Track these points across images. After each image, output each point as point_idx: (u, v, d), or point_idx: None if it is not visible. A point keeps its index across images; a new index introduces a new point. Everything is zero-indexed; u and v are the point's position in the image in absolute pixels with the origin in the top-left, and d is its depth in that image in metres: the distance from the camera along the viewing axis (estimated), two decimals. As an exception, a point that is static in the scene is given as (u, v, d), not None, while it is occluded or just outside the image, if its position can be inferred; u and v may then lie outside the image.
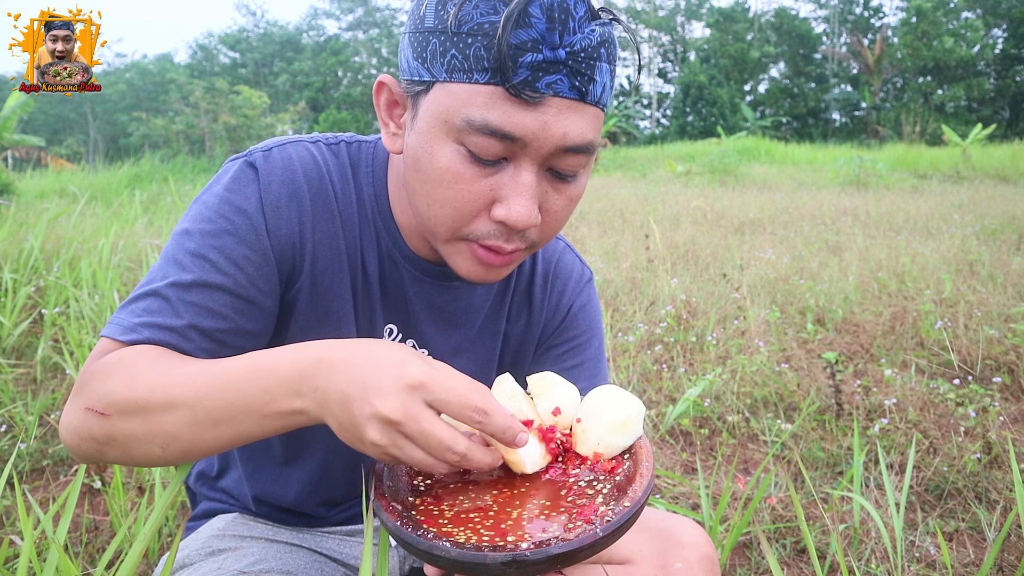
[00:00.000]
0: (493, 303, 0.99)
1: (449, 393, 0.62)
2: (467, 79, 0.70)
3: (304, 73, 47.62)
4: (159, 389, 0.69)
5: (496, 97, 0.70)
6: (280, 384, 0.66)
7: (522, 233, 0.77)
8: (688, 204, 8.29)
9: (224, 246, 0.79)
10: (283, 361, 0.67)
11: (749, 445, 2.40)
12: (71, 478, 2.05)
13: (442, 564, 0.61)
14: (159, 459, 0.71)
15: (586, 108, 0.73)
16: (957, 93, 34.30)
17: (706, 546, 0.89)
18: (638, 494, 0.66)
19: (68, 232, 4.45)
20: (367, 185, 0.90)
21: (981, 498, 1.99)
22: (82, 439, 0.73)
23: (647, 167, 16.49)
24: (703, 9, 49.44)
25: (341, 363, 0.64)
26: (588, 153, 0.76)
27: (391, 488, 0.71)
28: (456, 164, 0.73)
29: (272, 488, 1.01)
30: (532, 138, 0.71)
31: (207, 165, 16.55)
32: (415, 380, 0.61)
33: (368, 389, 0.62)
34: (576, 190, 0.79)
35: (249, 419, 0.67)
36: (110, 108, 46.32)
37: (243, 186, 0.83)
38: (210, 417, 0.68)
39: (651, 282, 4.17)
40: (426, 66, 0.74)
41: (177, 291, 0.77)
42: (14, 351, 2.92)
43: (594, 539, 0.60)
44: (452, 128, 0.72)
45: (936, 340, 3.21)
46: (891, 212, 7.58)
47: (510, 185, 0.73)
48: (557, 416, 0.77)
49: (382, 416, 0.61)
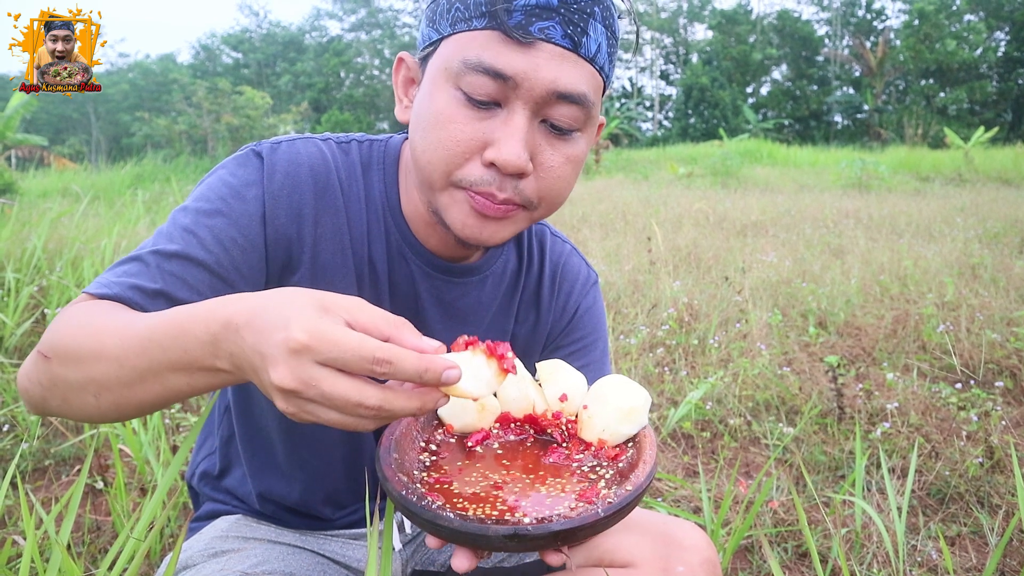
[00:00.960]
0: (502, 302, 1.00)
1: (339, 349, 0.56)
2: (467, 27, 0.76)
3: (307, 74, 47.66)
4: (92, 338, 0.69)
5: (492, 39, 0.75)
6: (199, 347, 0.63)
7: (515, 184, 0.78)
8: (690, 206, 8.29)
9: (215, 225, 0.81)
10: (199, 321, 0.64)
11: (751, 448, 2.40)
12: (74, 478, 2.05)
13: (444, 534, 0.62)
14: (94, 409, 0.70)
15: (580, 61, 0.76)
16: (959, 96, 34.26)
17: (708, 549, 0.90)
18: (640, 479, 0.67)
19: (71, 232, 4.45)
20: (378, 182, 0.91)
21: (983, 502, 1.99)
22: (31, 383, 0.73)
23: (649, 169, 16.49)
24: (705, 11, 49.45)
25: (244, 327, 0.60)
26: (582, 106, 0.78)
27: (397, 461, 0.71)
28: (451, 106, 0.77)
29: (277, 485, 1.01)
30: (523, 78, 0.74)
31: (209, 165, 16.56)
32: (299, 343, 0.55)
33: (264, 358, 0.58)
34: (573, 150, 0.81)
35: (175, 376, 0.66)
36: (113, 108, 46.37)
37: (246, 172, 0.84)
38: (136, 373, 0.66)
39: (653, 284, 4.17)
40: (435, 27, 0.80)
41: (158, 258, 0.78)
42: (16, 351, 2.92)
43: (595, 518, 0.61)
44: (451, 73, 0.77)
45: (938, 344, 3.21)
46: (893, 215, 7.58)
47: (501, 128, 0.76)
48: (564, 402, 0.79)
49: (278, 388, 0.57)
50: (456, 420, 0.79)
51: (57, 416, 0.76)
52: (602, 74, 0.80)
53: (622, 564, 0.93)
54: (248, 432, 1.01)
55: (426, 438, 0.79)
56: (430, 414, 0.80)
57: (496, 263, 0.98)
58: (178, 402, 0.71)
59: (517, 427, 0.80)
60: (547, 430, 0.79)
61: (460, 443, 0.78)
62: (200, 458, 1.11)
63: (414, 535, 1.12)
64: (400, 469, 0.70)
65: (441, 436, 0.79)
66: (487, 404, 0.79)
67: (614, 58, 0.82)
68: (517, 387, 0.80)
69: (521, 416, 0.80)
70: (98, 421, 0.73)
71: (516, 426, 0.80)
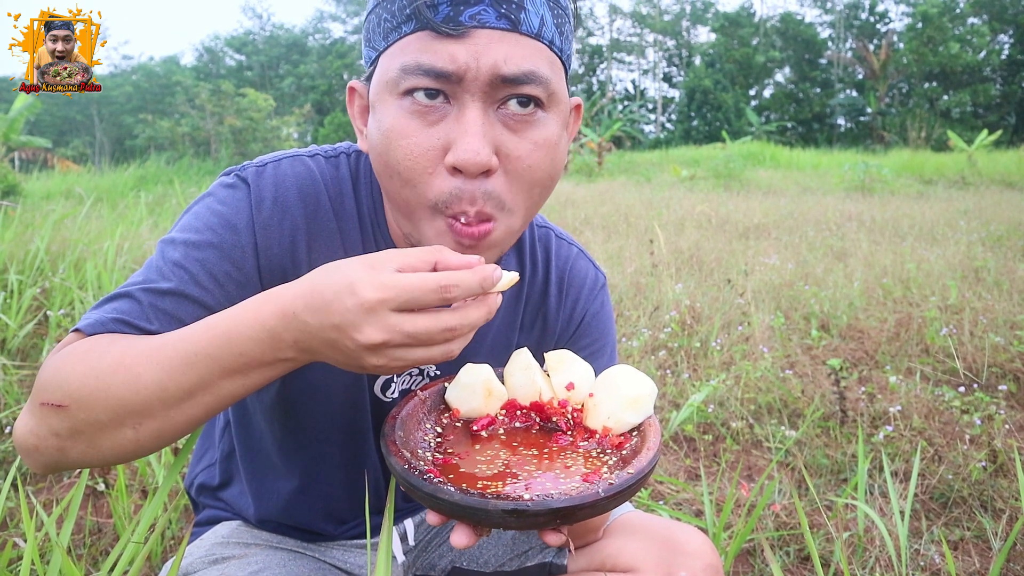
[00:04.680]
0: (504, 313, 0.97)
1: (408, 292, 0.60)
2: (399, 35, 0.72)
3: (309, 76, 47.73)
4: (120, 370, 0.66)
5: (424, 40, 0.71)
6: (255, 345, 0.64)
7: (484, 189, 0.72)
8: (693, 209, 8.28)
9: (206, 260, 0.78)
10: (245, 322, 0.65)
11: (753, 451, 2.39)
12: (75, 480, 2.05)
13: (444, 509, 0.63)
14: (131, 443, 0.68)
15: (522, 39, 0.71)
16: (963, 99, 34.23)
17: (710, 555, 0.89)
18: (643, 464, 0.67)
19: (74, 234, 4.46)
20: (367, 198, 0.88)
21: (986, 507, 1.98)
22: (41, 439, 0.68)
23: (652, 171, 16.48)
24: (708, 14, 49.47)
25: (303, 310, 0.63)
26: (536, 84, 0.72)
27: (402, 438, 0.72)
28: (399, 119, 0.72)
29: (276, 502, 1.00)
30: (465, 69, 0.70)
31: (212, 167, 16.59)
32: (372, 300, 0.60)
33: (340, 328, 0.61)
34: (541, 134, 0.74)
35: (230, 382, 0.66)
36: (116, 110, 46.47)
37: (234, 201, 0.81)
38: (182, 391, 0.66)
39: (655, 287, 4.17)
40: (372, 45, 0.76)
41: (152, 296, 0.75)
42: (19, 352, 2.93)
43: (596, 498, 0.62)
44: (393, 84, 0.73)
45: (941, 347, 3.20)
46: (896, 218, 7.56)
47: (455, 127, 0.71)
48: (571, 391, 0.79)
49: (368, 346, 0.61)
50: (463, 405, 0.79)
51: (77, 467, 0.72)
52: (553, 49, 0.74)
53: (625, 569, 0.92)
54: (248, 451, 1.00)
55: (433, 420, 0.79)
56: (437, 399, 0.82)
57: None
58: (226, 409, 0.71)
59: (523, 414, 0.80)
60: (552, 418, 0.79)
61: (466, 427, 0.79)
62: (199, 469, 1.10)
63: (416, 544, 1.11)
64: (404, 446, 0.70)
65: (447, 420, 0.80)
66: (494, 390, 0.80)
67: (566, 30, 0.76)
68: (524, 374, 0.80)
69: (527, 404, 0.80)
70: (132, 457, 0.70)
71: (522, 413, 0.80)
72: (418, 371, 0.95)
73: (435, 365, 0.95)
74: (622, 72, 55.44)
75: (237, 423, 0.99)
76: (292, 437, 0.95)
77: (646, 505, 1.87)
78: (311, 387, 0.90)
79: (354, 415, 0.94)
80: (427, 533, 1.12)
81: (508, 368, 0.82)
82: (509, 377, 0.81)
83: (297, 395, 0.91)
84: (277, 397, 0.91)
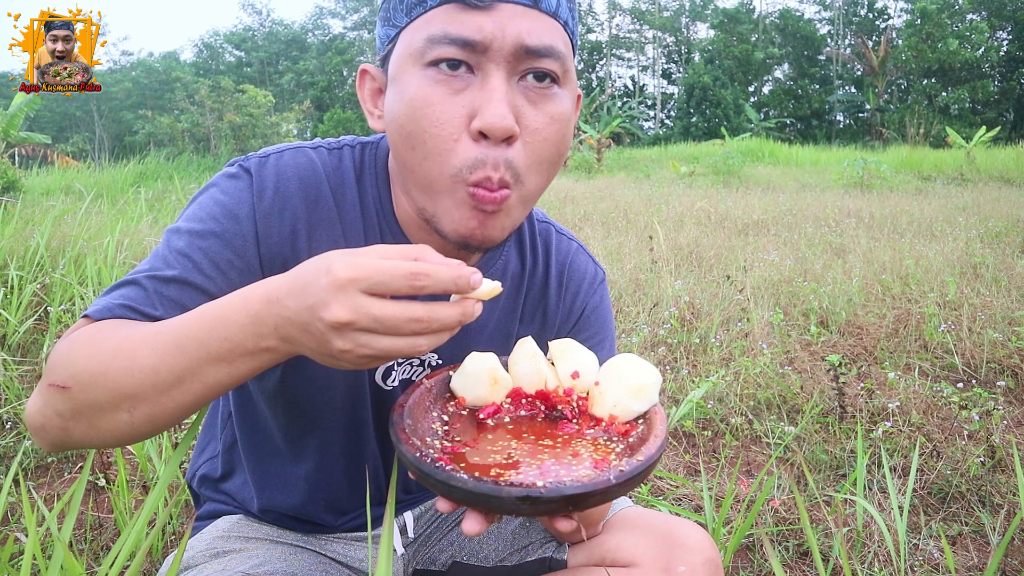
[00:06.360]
0: (505, 304, 0.98)
1: (379, 274, 0.60)
2: (423, 9, 0.74)
3: (309, 72, 47.67)
4: (119, 354, 0.68)
5: (451, 11, 0.73)
6: (240, 331, 0.65)
7: (506, 157, 0.74)
8: (692, 205, 8.28)
9: (209, 248, 0.80)
10: (234, 307, 0.66)
11: (752, 447, 2.40)
12: (76, 475, 2.05)
13: (457, 496, 0.63)
14: (127, 426, 0.69)
15: (542, 16, 0.75)
16: (961, 95, 34.20)
17: (710, 549, 0.90)
18: (651, 451, 0.67)
19: (74, 230, 4.45)
20: (371, 188, 0.89)
21: (985, 502, 1.99)
22: (46, 418, 0.72)
23: (651, 168, 16.48)
24: (707, 10, 49.40)
25: (286, 295, 0.63)
26: (555, 58, 0.75)
27: (411, 426, 0.72)
28: (424, 87, 0.74)
29: (278, 493, 1.01)
30: (491, 40, 0.72)
31: (212, 163, 16.57)
32: (344, 277, 0.60)
33: (312, 308, 0.61)
34: (557, 108, 0.77)
35: (216, 369, 0.67)
36: (116, 106, 46.40)
37: (237, 191, 0.83)
38: (173, 376, 0.67)
39: (655, 283, 4.17)
40: (391, 23, 0.78)
41: (157, 284, 0.77)
42: (19, 348, 2.93)
43: (607, 485, 0.62)
44: (417, 55, 0.74)
45: (940, 343, 3.21)
46: (895, 214, 7.57)
47: (480, 95, 0.73)
48: (576, 380, 0.79)
49: (333, 324, 0.60)
50: (468, 393, 0.80)
51: (81, 447, 0.75)
52: (567, 30, 0.78)
53: (624, 564, 0.93)
54: (251, 441, 1.00)
55: (439, 408, 0.80)
56: (442, 387, 0.82)
57: (495, 265, 0.97)
58: (215, 399, 0.72)
59: (528, 403, 0.80)
60: (558, 406, 0.79)
61: (472, 416, 0.79)
62: (201, 461, 1.11)
63: (416, 537, 1.11)
64: (413, 434, 0.71)
65: (453, 408, 0.80)
66: (499, 378, 0.80)
67: (575, 15, 0.80)
68: (529, 363, 0.80)
69: (533, 392, 0.81)
70: (129, 441, 0.72)
71: (527, 402, 0.80)
72: (419, 361, 0.96)
73: (437, 355, 0.96)
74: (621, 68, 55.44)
75: (240, 411, 1.00)
76: (296, 423, 0.96)
77: (645, 500, 1.88)
78: (312, 372, 0.90)
79: (355, 402, 0.94)
80: (426, 526, 1.12)
81: (513, 356, 0.82)
82: (514, 365, 0.81)
83: (299, 380, 0.91)
84: (279, 384, 0.92)
